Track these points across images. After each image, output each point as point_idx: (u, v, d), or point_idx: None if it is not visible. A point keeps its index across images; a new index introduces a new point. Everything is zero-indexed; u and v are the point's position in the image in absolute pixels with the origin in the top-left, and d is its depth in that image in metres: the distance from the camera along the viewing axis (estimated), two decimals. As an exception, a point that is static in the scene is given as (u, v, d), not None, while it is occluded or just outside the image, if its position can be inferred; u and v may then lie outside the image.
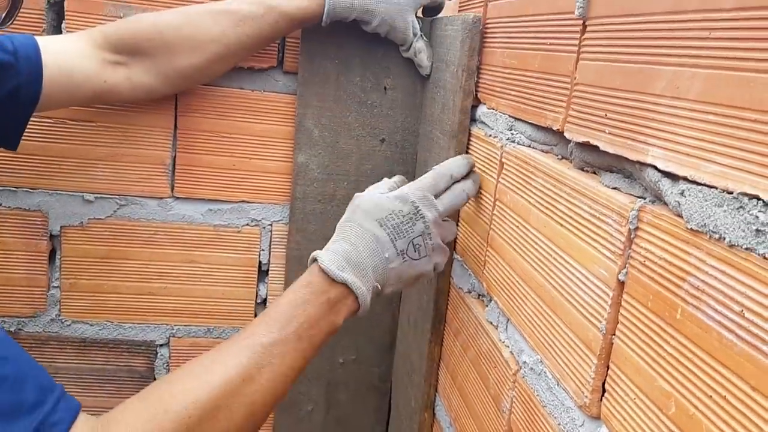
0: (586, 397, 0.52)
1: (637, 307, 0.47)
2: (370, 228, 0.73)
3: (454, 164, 0.80)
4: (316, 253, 0.73)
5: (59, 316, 1.06)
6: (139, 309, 1.07)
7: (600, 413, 0.51)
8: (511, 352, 0.70)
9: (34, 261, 1.03)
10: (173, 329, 1.09)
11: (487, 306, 0.78)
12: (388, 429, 1.17)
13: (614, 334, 0.50)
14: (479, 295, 0.83)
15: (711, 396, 0.38)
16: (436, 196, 0.76)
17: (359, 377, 1.15)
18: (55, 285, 1.05)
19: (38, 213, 1.02)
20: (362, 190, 0.80)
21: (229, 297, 1.09)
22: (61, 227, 1.03)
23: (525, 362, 0.65)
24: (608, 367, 0.50)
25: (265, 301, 1.11)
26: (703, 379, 0.39)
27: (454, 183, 0.78)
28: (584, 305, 0.53)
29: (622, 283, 0.49)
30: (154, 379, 1.10)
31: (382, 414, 1.17)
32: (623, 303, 0.49)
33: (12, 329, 1.05)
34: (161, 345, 1.09)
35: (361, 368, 1.14)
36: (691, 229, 0.41)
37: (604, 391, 0.51)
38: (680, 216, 0.42)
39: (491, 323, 0.76)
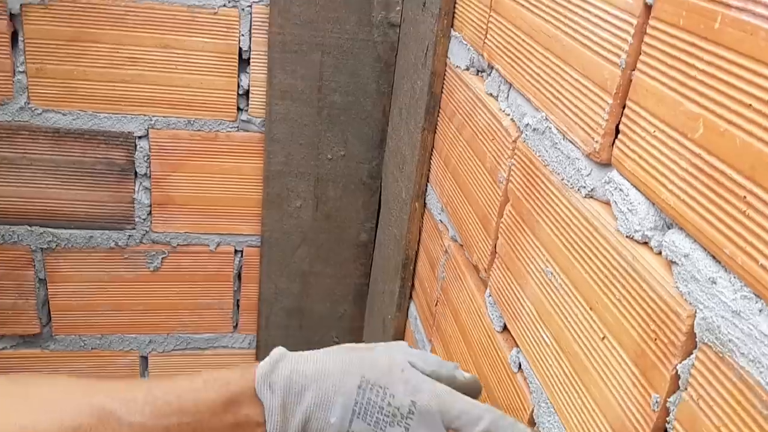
0: (597, 142, 0.48)
1: (665, 30, 0.41)
2: (345, 383, 0.54)
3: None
4: (279, 352, 0.57)
5: (28, 104, 0.99)
6: (113, 97, 1.01)
7: (611, 157, 0.47)
8: (511, 119, 0.65)
9: (-5, 42, 0.95)
10: (152, 120, 1.03)
11: (486, 79, 0.73)
12: (378, 224, 1.15)
13: (634, 69, 0.45)
14: (478, 71, 0.77)
15: (750, 104, 0.34)
16: (454, 429, 0.54)
17: (348, 173, 1.12)
18: (21, 70, 0.98)
19: (-7, -12, 0.92)
20: None
21: (209, 87, 1.03)
22: (21, 5, 0.94)
23: (527, 125, 0.61)
24: (624, 107, 0.46)
25: (247, 92, 1.05)
26: (741, 88, 0.34)
27: None
28: (601, 44, 0.48)
29: (648, 7, 0.43)
30: (135, 173, 1.06)
31: (371, 210, 1.15)
32: (648, 30, 0.43)
33: (-21, 117, 0.99)
34: (140, 137, 1.04)
35: (350, 165, 1.11)
36: None
37: (617, 134, 0.47)
38: None
39: (491, 95, 0.71)
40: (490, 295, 0.69)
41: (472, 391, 0.59)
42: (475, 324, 0.74)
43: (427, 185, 0.94)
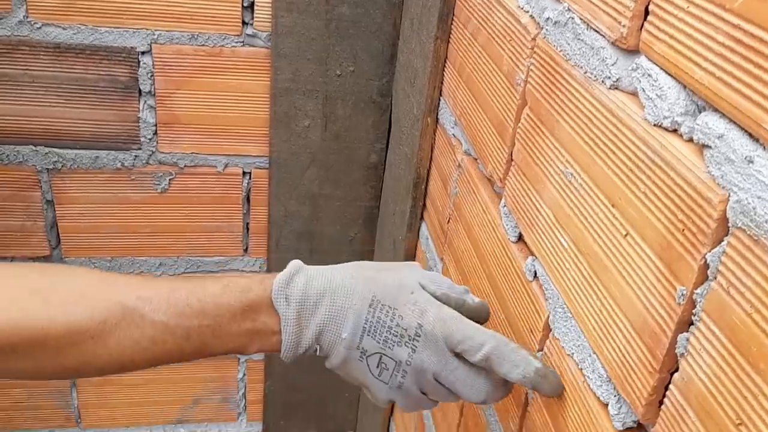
0: (624, 26, 0.45)
1: None
2: (357, 300, 0.56)
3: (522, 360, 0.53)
4: (295, 265, 0.58)
5: (27, 17, 0.96)
6: (114, 10, 0.97)
7: (638, 43, 0.44)
8: (530, 16, 0.62)
9: (-12, -49, 0.91)
10: (154, 35, 1.00)
11: (503, -22, 0.69)
12: (389, 143, 1.13)
13: (668, -59, 0.41)
14: (494, -29, 0.73)
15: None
16: (458, 353, 0.55)
17: (358, 91, 1.08)
18: (17, -19, 0.94)
19: None
20: None
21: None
22: None
23: (548, 18, 0.57)
24: (655, -16, 0.42)
25: (252, 5, 1.00)
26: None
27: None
28: None
29: None
30: (140, 91, 1.03)
31: (381, 129, 1.12)
32: None
33: (-23, 32, 0.96)
34: (143, 52, 1.01)
35: (360, 81, 1.07)
36: None
37: (645, 16, 0.43)
38: None
39: (508, -6, 0.67)
40: (505, 206, 0.67)
41: (481, 315, 0.60)
42: (489, 237, 0.72)
43: (439, 99, 0.91)
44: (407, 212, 1.01)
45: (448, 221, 0.87)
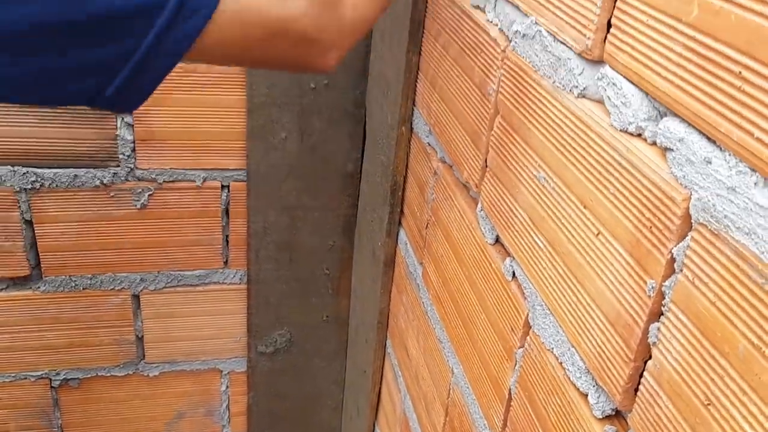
0: (589, 39, 0.48)
1: None
2: None
3: None
4: None
5: None
6: (89, 31, 0.98)
7: (603, 53, 0.47)
8: (499, 29, 0.65)
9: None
10: (130, 53, 1.01)
11: (471, -8, 0.72)
12: (364, 153, 1.15)
13: (626, -40, 0.44)
14: (462, -15, 0.76)
15: (746, -22, 0.34)
16: None
17: (332, 103, 1.10)
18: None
19: None
20: None
21: (187, 17, 1.00)
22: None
23: (516, 32, 0.60)
24: (615, 0, 0.45)
25: (227, 22, 1.02)
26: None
27: None
28: (591, -62, 0.47)
29: None
30: None
31: (356, 140, 1.14)
32: None
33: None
34: (119, 71, 1.02)
35: (334, 94, 1.10)
36: None
37: (608, 29, 0.47)
38: None
39: (477, 7, 0.70)
40: (481, 210, 0.70)
41: None
42: (467, 240, 0.74)
43: (413, 109, 0.93)
44: (385, 219, 1.03)
45: (427, 226, 0.90)
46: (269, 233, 1.20)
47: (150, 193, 1.12)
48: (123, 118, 1.06)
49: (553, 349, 0.55)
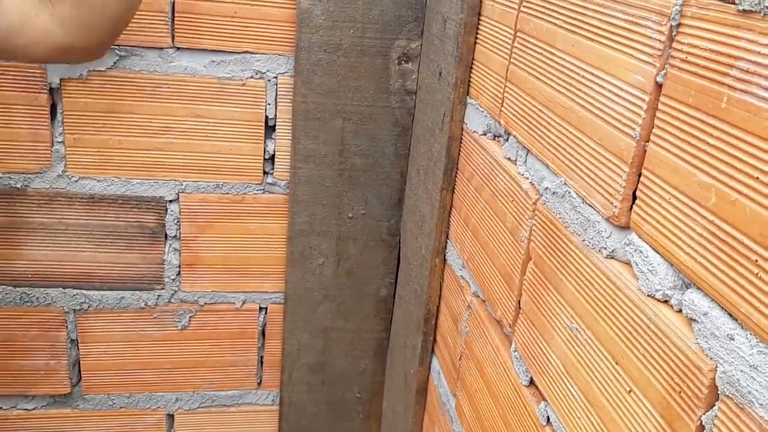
0: (616, 207, 0.52)
1: (675, 107, 0.46)
2: None
3: None
4: None
5: (65, 172, 1.05)
6: (146, 165, 1.06)
7: (629, 221, 0.51)
8: (531, 182, 0.69)
9: (36, 115, 1.01)
10: (182, 185, 1.08)
11: (504, 144, 0.77)
12: (398, 279, 1.19)
13: (648, 141, 0.49)
14: (495, 135, 0.81)
15: (757, 177, 0.38)
16: None
17: (368, 231, 1.16)
18: (59, 140, 1.03)
19: (35, 65, 0.98)
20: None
21: (236, 153, 1.08)
22: (60, 80, 1.00)
23: (547, 188, 0.65)
24: (640, 175, 0.50)
25: (273, 157, 1.10)
26: (749, 162, 0.38)
27: None
28: (616, 117, 0.52)
29: (659, 86, 0.47)
30: (165, 235, 1.11)
31: (391, 266, 1.19)
32: (660, 106, 0.47)
33: (18, 185, 1.04)
34: (171, 201, 1.09)
35: (370, 222, 1.15)
36: (743, 10, 0.39)
37: (634, 199, 0.51)
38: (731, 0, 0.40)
39: (509, 159, 0.75)
40: (515, 350, 0.72)
41: None
42: (501, 378, 0.76)
43: (446, 242, 0.98)
44: (418, 346, 1.05)
45: (460, 358, 0.92)
46: (303, 355, 1.22)
47: (191, 314, 1.16)
48: (171, 244, 1.12)
49: (588, 500, 0.56)
